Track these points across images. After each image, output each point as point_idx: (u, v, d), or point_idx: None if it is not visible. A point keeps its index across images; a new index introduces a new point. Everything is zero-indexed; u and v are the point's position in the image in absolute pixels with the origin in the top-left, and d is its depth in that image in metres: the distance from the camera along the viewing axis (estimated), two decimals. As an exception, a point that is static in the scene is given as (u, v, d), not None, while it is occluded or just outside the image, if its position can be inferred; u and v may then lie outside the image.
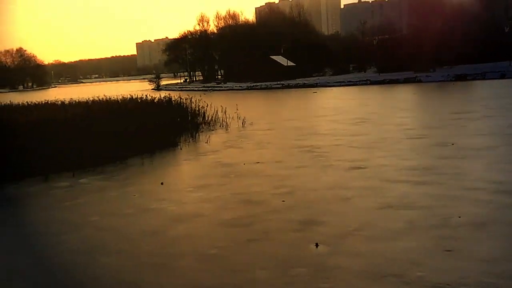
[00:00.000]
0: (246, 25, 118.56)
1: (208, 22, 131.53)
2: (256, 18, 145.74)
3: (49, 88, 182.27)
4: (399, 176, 13.13)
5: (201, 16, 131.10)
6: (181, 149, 20.77)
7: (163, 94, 36.23)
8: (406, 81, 63.11)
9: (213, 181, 14.12)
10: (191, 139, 23.04)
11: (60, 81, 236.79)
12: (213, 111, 29.79)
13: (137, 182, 14.90)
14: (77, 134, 18.27)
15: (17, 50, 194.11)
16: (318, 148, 18.44)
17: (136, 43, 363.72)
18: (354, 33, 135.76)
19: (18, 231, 10.61)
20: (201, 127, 26.75)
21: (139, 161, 18.06)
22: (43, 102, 31.12)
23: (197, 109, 30.06)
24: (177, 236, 9.51)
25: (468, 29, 72.35)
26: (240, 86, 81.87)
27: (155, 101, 29.36)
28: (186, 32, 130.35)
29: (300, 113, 33.74)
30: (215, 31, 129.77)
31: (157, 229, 9.99)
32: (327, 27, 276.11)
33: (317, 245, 8.49)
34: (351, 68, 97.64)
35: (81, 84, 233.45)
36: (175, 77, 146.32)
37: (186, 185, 13.92)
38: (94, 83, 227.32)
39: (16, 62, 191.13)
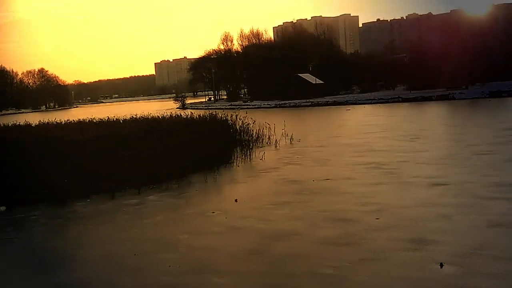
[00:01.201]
0: (271, 44, 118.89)
1: (232, 41, 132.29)
2: (274, 37, 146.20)
3: (71, 108, 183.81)
4: (489, 193, 12.58)
5: (225, 35, 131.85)
6: (238, 166, 20.42)
7: (189, 112, 35.85)
8: (439, 98, 62.36)
9: (290, 198, 13.69)
10: (243, 156, 22.65)
11: (80, 101, 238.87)
12: (257, 128, 29.42)
13: (209, 199, 14.56)
14: (135, 151, 18.00)
15: (39, 70, 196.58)
16: (384, 164, 17.93)
17: (155, 63, 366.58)
18: (375, 51, 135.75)
19: (110, 249, 10.25)
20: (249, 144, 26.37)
21: (200, 179, 17.70)
22: (88, 120, 30.90)
23: (241, 126, 29.72)
24: (283, 255, 9.08)
25: (500, 45, 71.47)
26: (268, 104, 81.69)
27: (199, 119, 29.07)
28: (211, 50, 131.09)
29: (344, 130, 33.28)
30: (239, 49, 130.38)
31: (258, 248, 9.56)
32: (345, 45, 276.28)
33: (441, 265, 7.98)
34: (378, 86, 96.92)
35: (102, 104, 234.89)
36: (194, 96, 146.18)
37: (262, 202, 13.49)
38: (114, 103, 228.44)
39: (37, 83, 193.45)
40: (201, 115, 30.39)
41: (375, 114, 46.80)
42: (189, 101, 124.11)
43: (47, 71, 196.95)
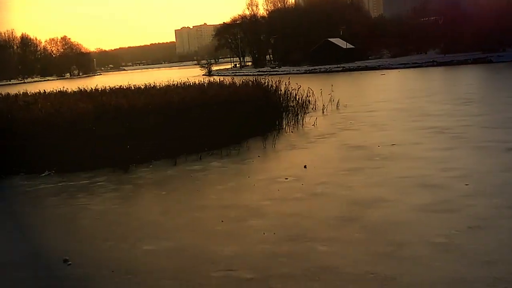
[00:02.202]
0: (297, 8, 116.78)
1: (257, 6, 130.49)
2: (298, 1, 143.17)
3: (94, 75, 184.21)
4: None
5: (251, 0, 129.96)
6: (291, 132, 19.99)
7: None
8: (476, 61, 60.77)
9: (361, 164, 13.26)
10: (293, 122, 22.16)
11: (102, 69, 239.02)
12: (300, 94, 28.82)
13: (275, 165, 14.22)
14: (190, 119, 17.66)
15: (61, 38, 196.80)
16: (448, 129, 17.35)
17: (175, 30, 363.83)
18: (401, 15, 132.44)
19: (194, 215, 9.99)
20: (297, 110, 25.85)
21: (256, 145, 17.38)
22: (130, 86, 30.52)
23: (285, 91, 29.15)
24: (381, 222, 8.70)
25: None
26: (297, 70, 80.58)
27: (242, 85, 28.54)
28: (236, 16, 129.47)
29: (388, 94, 32.51)
30: (265, 14, 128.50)
31: (351, 215, 9.21)
32: (368, 9, 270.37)
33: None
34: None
35: (123, 71, 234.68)
36: (216, 62, 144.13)
37: (333, 168, 13.09)
38: (136, 71, 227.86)
39: (61, 51, 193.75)
40: (243, 81, 29.89)
41: (413, 78, 45.79)
42: (214, 67, 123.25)
43: (69, 38, 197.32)
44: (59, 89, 30.55)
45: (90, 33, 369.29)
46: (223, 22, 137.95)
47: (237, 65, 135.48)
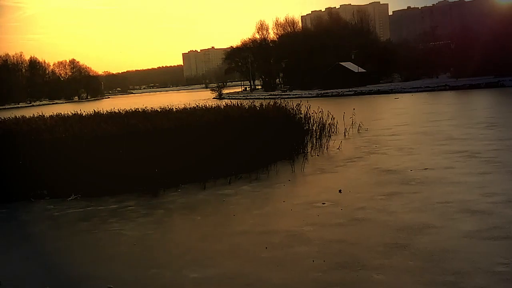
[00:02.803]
0: (307, 32, 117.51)
1: (267, 30, 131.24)
2: (305, 26, 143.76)
3: (103, 99, 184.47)
4: None
5: (261, 24, 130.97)
6: (317, 155, 19.79)
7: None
8: (488, 85, 60.54)
9: (397, 189, 13.01)
10: (317, 146, 21.92)
11: (110, 92, 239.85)
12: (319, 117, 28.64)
13: (309, 190, 14.00)
14: (213, 141, 17.51)
15: (70, 61, 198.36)
16: (478, 153, 17.10)
17: (183, 53, 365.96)
18: (408, 39, 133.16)
19: (235, 241, 9.74)
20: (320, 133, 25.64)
21: (284, 168, 17.20)
22: (146, 109, 30.40)
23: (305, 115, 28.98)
24: (432, 250, 8.42)
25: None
26: (309, 94, 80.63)
27: (262, 108, 28.38)
28: (247, 40, 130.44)
29: (407, 118, 32.25)
30: (275, 38, 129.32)
31: (399, 241, 8.94)
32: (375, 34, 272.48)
33: None
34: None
35: (131, 95, 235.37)
36: (224, 86, 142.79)
37: (369, 193, 12.84)
38: (144, 94, 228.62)
39: (69, 74, 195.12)
40: (263, 104, 29.72)
41: (428, 102, 45.62)
42: (224, 91, 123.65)
43: (78, 62, 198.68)
44: (74, 112, 30.46)
45: (97, 56, 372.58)
46: (233, 46, 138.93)
47: (247, 89, 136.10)
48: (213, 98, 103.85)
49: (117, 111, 29.58)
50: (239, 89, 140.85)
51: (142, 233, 10.92)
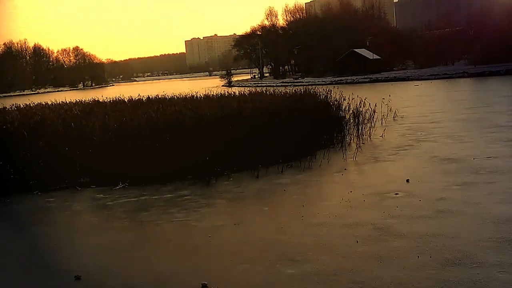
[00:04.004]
0: (318, 19, 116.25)
1: (276, 16, 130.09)
2: (310, 13, 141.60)
3: (107, 86, 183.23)
4: None
5: (270, 10, 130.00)
6: (363, 143, 19.11)
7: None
8: (509, 72, 59.46)
9: (470, 178, 12.35)
10: (357, 134, 21.20)
11: (113, 79, 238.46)
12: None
13: (373, 179, 13.37)
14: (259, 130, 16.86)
15: (73, 48, 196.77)
16: (538, 141, 16.38)
17: (185, 41, 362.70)
18: (416, 27, 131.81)
19: (319, 233, 9.11)
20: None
21: (333, 157, 16.55)
22: (173, 96, 29.61)
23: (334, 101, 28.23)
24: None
25: None
26: (323, 81, 79.61)
27: (291, 95, 27.62)
28: (256, 26, 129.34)
29: (440, 105, 31.51)
30: (284, 25, 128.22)
31: (508, 236, 8.27)
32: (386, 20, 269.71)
33: None
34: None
35: (135, 82, 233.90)
36: (228, 74, 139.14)
37: (441, 183, 12.20)
38: (148, 82, 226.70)
39: (73, 61, 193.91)
40: (290, 91, 28.96)
41: (453, 89, 44.76)
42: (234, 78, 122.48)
43: (82, 49, 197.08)
44: (92, 99, 29.59)
45: (100, 43, 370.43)
46: (236, 33, 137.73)
47: (256, 76, 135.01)
48: (222, 85, 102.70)
49: (137, 97, 28.93)
50: (246, 77, 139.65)
51: (211, 224, 10.31)
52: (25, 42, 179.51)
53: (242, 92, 29.81)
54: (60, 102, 28.82)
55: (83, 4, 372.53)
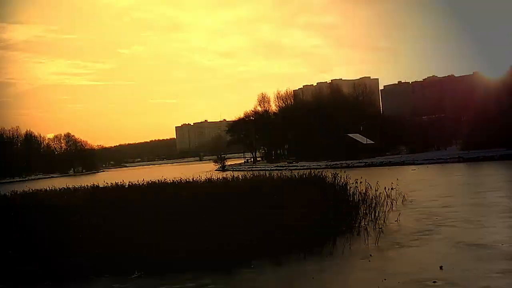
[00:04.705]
0: (311, 105, 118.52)
1: (269, 102, 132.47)
2: (289, 101, 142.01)
3: (98, 172, 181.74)
4: None
5: (262, 96, 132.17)
6: (380, 228, 18.58)
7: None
8: (503, 157, 60.05)
9: (508, 265, 11.90)
10: (368, 218, 20.73)
11: (104, 165, 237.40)
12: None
13: (403, 266, 12.91)
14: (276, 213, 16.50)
15: (65, 135, 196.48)
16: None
17: (176, 127, 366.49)
18: (402, 113, 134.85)
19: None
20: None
21: (354, 242, 16.00)
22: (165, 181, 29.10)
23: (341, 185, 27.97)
24: None
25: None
26: (318, 165, 79.87)
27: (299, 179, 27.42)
28: (249, 111, 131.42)
29: (446, 189, 31.34)
30: (276, 110, 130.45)
31: None
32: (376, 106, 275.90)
33: None
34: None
35: (126, 168, 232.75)
36: (219, 158, 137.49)
37: (477, 270, 11.77)
38: (138, 167, 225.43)
39: (64, 147, 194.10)
40: (296, 175, 28.79)
41: (453, 174, 44.85)
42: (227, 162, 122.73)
43: (73, 135, 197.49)
44: (90, 185, 29.13)
45: (91, 130, 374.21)
46: (226, 119, 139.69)
47: (248, 161, 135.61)
48: (216, 170, 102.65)
49: (132, 183, 28.52)
50: (239, 161, 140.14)
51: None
52: (17, 129, 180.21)
53: (241, 176, 29.73)
54: (61, 189, 28.47)
55: (74, 93, 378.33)
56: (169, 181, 28.63)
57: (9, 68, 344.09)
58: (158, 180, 29.38)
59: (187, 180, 28.98)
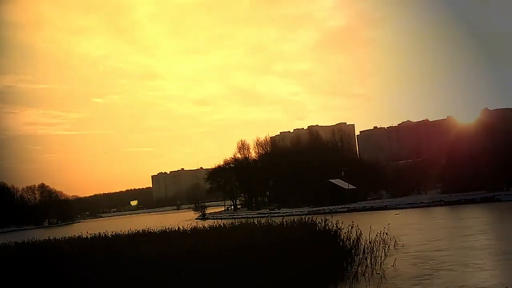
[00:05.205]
0: (290, 150, 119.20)
1: (248, 149, 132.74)
2: (268, 148, 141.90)
3: (73, 223, 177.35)
4: None
5: (242, 143, 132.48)
6: (378, 273, 18.42)
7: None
8: (484, 200, 60.82)
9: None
10: (364, 263, 20.53)
11: (79, 216, 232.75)
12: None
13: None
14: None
15: (39, 186, 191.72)
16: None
17: (152, 176, 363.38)
18: (379, 157, 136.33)
19: None
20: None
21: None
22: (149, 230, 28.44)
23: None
24: None
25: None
26: (300, 211, 79.61)
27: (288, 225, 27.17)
28: (228, 159, 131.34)
29: (433, 233, 31.39)
30: (256, 157, 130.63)
31: None
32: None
33: None
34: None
35: (101, 218, 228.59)
36: (196, 208, 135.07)
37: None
38: (114, 217, 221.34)
39: (38, 198, 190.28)
40: (290, 221, 28.44)
41: (437, 217, 45.07)
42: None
43: (47, 186, 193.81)
44: (74, 236, 28.27)
45: (65, 180, 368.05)
46: (203, 167, 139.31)
47: (229, 208, 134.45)
48: (196, 218, 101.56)
49: (116, 233, 27.73)
50: (219, 209, 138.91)
51: None
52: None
53: (227, 224, 29.25)
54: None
55: (48, 142, 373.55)
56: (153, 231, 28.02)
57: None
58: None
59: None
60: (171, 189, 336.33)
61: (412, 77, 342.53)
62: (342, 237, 25.85)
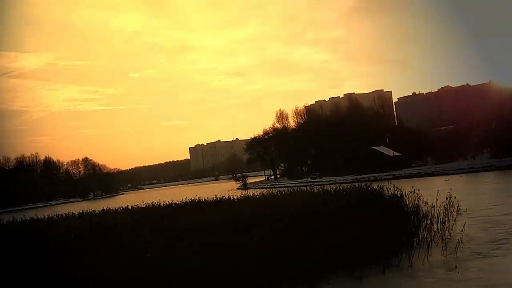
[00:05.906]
0: (330, 118, 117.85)
1: (287, 118, 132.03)
2: (306, 116, 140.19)
3: (117, 195, 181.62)
4: None
5: (280, 113, 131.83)
6: (448, 238, 17.71)
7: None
8: (538, 165, 58.94)
9: None
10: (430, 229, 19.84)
11: (121, 188, 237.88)
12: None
13: (502, 277, 11.99)
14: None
15: (83, 160, 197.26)
16: None
17: (189, 148, 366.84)
18: (420, 124, 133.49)
19: None
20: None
21: (424, 253, 15.17)
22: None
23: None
24: None
25: None
26: (344, 179, 78.83)
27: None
28: (268, 129, 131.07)
29: (494, 198, 30.35)
30: (295, 126, 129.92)
31: None
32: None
33: None
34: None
35: (143, 190, 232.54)
36: (236, 178, 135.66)
37: None
38: (156, 189, 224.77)
39: (82, 172, 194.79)
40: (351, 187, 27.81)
41: (492, 182, 43.72)
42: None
43: (91, 160, 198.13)
44: (123, 207, 28.04)
45: (107, 153, 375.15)
46: (239, 138, 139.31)
47: (269, 178, 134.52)
48: (237, 188, 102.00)
49: (172, 203, 27.53)
50: (259, 178, 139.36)
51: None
52: (36, 156, 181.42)
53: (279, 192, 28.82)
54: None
55: (87, 118, 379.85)
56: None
57: (23, 96, 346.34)
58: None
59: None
60: (208, 161, 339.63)
61: (450, 40, 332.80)
62: (406, 202, 25.26)
